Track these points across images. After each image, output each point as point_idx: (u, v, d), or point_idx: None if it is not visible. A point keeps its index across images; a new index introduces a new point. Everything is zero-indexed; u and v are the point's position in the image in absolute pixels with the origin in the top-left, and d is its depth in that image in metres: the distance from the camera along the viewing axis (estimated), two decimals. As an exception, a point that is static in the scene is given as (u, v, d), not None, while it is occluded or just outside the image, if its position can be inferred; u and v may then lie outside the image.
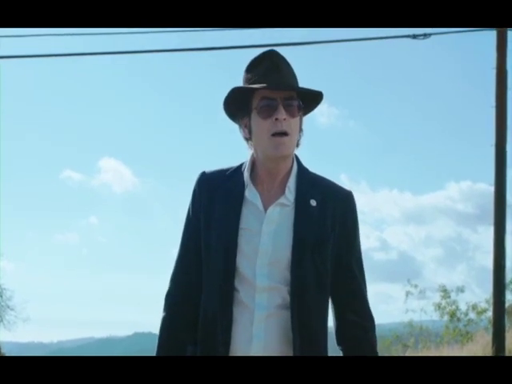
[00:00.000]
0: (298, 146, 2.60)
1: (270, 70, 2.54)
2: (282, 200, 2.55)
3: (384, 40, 13.73)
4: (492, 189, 12.57)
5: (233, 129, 2.65)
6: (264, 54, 2.58)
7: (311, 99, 2.60)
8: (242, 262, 2.50)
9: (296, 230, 2.51)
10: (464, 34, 13.37)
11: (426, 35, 12.75)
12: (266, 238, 2.52)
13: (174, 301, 2.60)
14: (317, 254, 2.50)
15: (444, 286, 21.25)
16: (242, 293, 2.50)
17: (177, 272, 2.62)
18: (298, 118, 2.56)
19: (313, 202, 2.55)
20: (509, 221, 12.52)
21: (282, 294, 2.50)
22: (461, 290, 21.28)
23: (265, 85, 2.50)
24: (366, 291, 2.62)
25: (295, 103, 2.54)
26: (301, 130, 2.60)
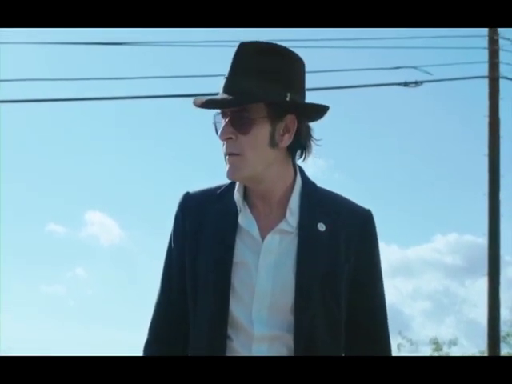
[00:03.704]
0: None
1: (227, 74, 2.05)
2: (282, 225, 2.06)
3: (374, 88, 13.64)
4: (480, 240, 12.44)
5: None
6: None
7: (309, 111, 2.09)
8: (236, 305, 2.04)
9: (300, 263, 2.03)
10: (456, 81, 13.32)
11: (417, 83, 12.62)
12: (263, 275, 2.04)
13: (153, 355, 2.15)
14: (327, 290, 2.04)
15: (436, 339, 21.12)
16: (237, 342, 2.04)
17: (156, 318, 2.18)
18: (254, 135, 2.02)
19: (321, 227, 2.07)
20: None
21: (287, 344, 2.03)
22: (453, 342, 21.15)
23: (198, 102, 2.05)
24: (389, 338, 2.17)
25: (245, 115, 2.01)
26: (275, 144, 2.05)
